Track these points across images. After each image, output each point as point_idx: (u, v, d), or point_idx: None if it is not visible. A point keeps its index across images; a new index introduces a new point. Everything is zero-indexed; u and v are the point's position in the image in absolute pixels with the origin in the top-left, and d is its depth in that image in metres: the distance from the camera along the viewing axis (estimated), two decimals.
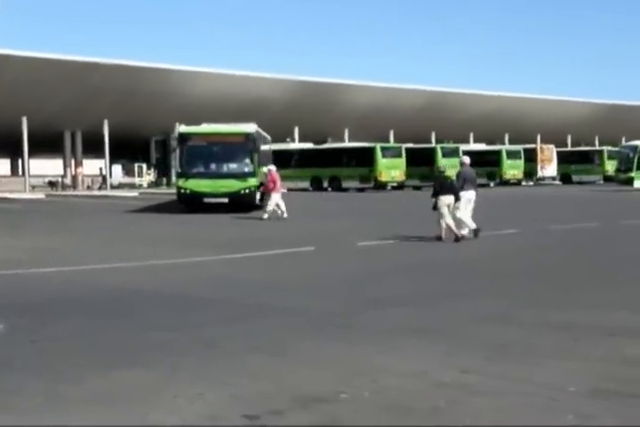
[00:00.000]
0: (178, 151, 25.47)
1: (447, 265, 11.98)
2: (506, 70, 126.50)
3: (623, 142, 51.75)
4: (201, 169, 25.47)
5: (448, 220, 15.08)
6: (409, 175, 45.09)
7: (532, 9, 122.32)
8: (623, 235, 17.01)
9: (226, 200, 24.67)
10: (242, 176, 25.08)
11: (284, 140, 48.05)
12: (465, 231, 15.65)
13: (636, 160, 39.67)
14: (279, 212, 21.85)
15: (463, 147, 50.69)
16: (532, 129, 63.16)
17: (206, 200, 24.81)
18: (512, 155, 52.29)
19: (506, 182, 51.63)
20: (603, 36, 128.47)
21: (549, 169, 54.60)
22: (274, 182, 22.11)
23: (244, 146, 25.32)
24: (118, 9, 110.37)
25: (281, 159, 36.57)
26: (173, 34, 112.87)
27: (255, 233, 18.19)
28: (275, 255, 13.38)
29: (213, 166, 25.70)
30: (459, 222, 15.46)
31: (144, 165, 57.80)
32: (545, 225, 18.55)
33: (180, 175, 25.57)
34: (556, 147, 56.05)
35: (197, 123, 27.90)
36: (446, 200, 15.20)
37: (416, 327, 7.27)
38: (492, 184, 51.41)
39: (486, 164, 51.28)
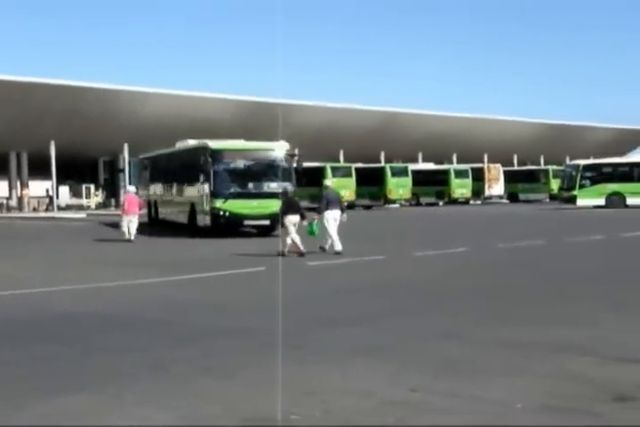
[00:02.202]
0: (209, 169, 22.56)
1: (397, 284, 12.03)
2: (455, 91, 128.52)
3: (567, 161, 52.75)
4: (239, 189, 22.87)
5: (287, 238, 16.41)
6: (359, 195, 45.36)
7: (479, 30, 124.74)
8: (568, 252, 17.29)
9: (267, 222, 22.25)
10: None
11: None
12: (339, 247, 16.81)
13: (578, 179, 40.66)
14: (127, 234, 21.90)
15: (412, 166, 51.22)
16: (479, 149, 64.01)
17: (247, 223, 22.78)
18: (460, 174, 52.94)
19: (454, 201, 52.22)
20: (548, 58, 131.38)
21: (496, 188, 55.37)
22: (127, 204, 22.35)
23: (281, 163, 23.43)
24: (63, 28, 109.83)
25: None
26: (121, 54, 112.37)
27: (205, 253, 18.06)
28: (225, 276, 13.30)
29: (252, 185, 23.16)
30: (326, 239, 17.08)
31: (92, 186, 57.13)
32: (493, 243, 18.78)
33: (214, 195, 22.43)
34: (503, 166, 56.91)
35: (146, 143, 27.60)
36: (292, 219, 16.62)
37: (366, 346, 7.28)
38: (440, 203, 51.95)
39: (435, 183, 51.91)
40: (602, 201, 40.37)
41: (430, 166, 56.01)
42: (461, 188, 52.57)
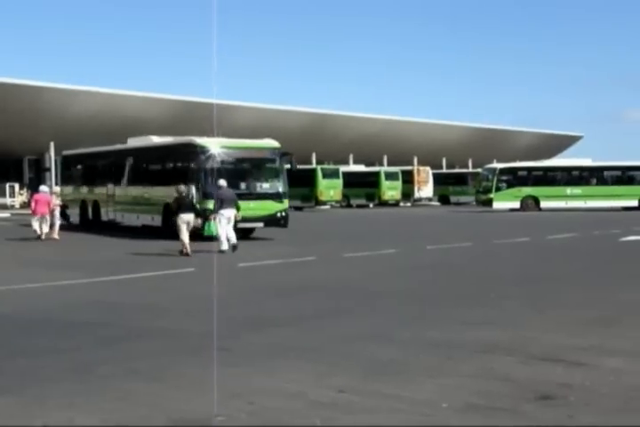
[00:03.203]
0: (199, 167, 21.13)
1: (326, 285, 12.06)
2: (386, 94, 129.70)
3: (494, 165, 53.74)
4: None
5: (184, 236, 16.69)
6: (290, 196, 45.33)
7: (411, 33, 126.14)
8: (494, 254, 17.61)
9: (261, 224, 21.39)
10: (277, 197, 21.92)
11: None
12: (224, 246, 17.21)
13: (495, 182, 41.59)
14: (38, 232, 21.58)
15: (343, 168, 51.45)
16: (409, 151, 64.74)
17: (240, 225, 20.40)
18: (390, 176, 53.43)
19: (384, 203, 52.66)
20: (477, 63, 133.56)
21: (426, 190, 56.07)
22: (34, 204, 21.81)
23: (275, 162, 22.27)
24: None
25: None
26: (48, 50, 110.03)
27: (133, 253, 17.81)
28: (154, 277, 13.14)
29: (245, 186, 21.65)
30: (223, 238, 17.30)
31: (16, 185, 55.82)
32: (421, 245, 19.00)
33: (206, 196, 20.52)
34: (432, 169, 57.67)
35: (73, 142, 26.86)
36: (185, 218, 16.90)
37: (294, 348, 7.28)
38: (371, 205, 52.33)
39: (366, 185, 52.25)
40: (517, 204, 41.44)
41: (361, 168, 56.39)
42: (391, 190, 53.05)
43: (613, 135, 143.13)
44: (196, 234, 17.60)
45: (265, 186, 21.93)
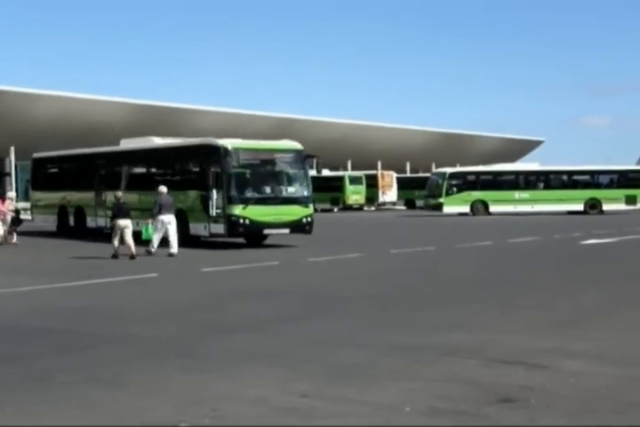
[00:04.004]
0: (225, 171, 19.63)
1: (290, 290, 12.03)
2: (349, 98, 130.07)
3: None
4: (257, 193, 20.09)
5: (116, 240, 17.20)
6: None
7: (374, 37, 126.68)
8: (459, 257, 17.73)
9: (287, 231, 20.21)
10: (303, 202, 20.63)
11: None
12: (153, 249, 17.90)
13: (444, 186, 41.93)
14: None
15: None
16: (373, 156, 64.97)
17: (267, 231, 20.18)
18: (354, 180, 53.57)
19: (349, 207, 52.77)
20: (440, 67, 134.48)
21: (390, 194, 56.28)
22: None
23: (300, 165, 20.96)
24: None
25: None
26: (9, 55, 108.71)
27: (99, 258, 17.63)
28: (116, 282, 13.00)
29: (270, 190, 20.39)
30: (154, 242, 17.89)
31: None
32: (386, 249, 19.05)
33: (231, 201, 19.56)
34: (396, 173, 57.91)
35: (34, 146, 26.18)
36: (122, 223, 17.35)
37: (257, 353, 7.25)
38: (335, 209, 52.40)
39: (330, 189, 52.28)
40: (467, 208, 41.83)
41: (325, 173, 56.42)
42: (356, 194, 53.18)
43: (573, 140, 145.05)
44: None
45: (290, 190, 20.70)
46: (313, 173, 22.14)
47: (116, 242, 17.23)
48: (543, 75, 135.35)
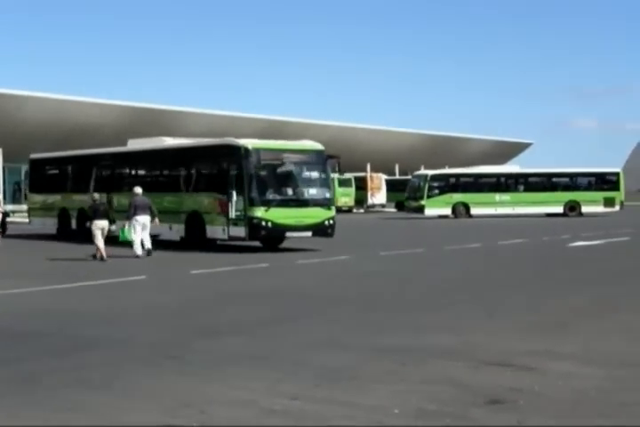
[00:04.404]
0: (246, 172, 19.05)
1: (279, 292, 12.02)
2: (339, 101, 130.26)
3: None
4: (279, 195, 19.55)
5: (99, 241, 17.33)
6: None
7: (365, 42, 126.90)
8: (448, 260, 17.76)
9: (309, 234, 19.65)
10: (325, 204, 20.16)
11: None
12: (139, 252, 17.98)
13: (426, 189, 41.99)
14: None
15: None
16: (362, 158, 64.93)
17: (289, 235, 19.85)
18: (343, 183, 53.57)
19: (338, 209, 52.69)
20: (431, 71, 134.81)
21: (379, 197, 56.34)
22: None
23: (321, 166, 20.49)
24: None
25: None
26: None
27: (87, 261, 17.57)
28: (104, 285, 12.97)
29: (292, 191, 19.88)
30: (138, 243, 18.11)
31: None
32: (374, 251, 19.06)
33: (252, 203, 19.00)
34: (386, 175, 57.93)
35: (23, 149, 25.91)
36: (100, 224, 17.57)
37: (246, 355, 7.24)
38: None
39: None
40: (448, 211, 41.90)
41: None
42: (345, 196, 53.21)
43: (562, 143, 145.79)
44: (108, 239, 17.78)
45: (312, 191, 20.12)
46: (335, 175, 22.13)
47: (99, 243, 17.28)
48: (532, 78, 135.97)
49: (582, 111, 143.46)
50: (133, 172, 24.45)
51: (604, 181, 44.76)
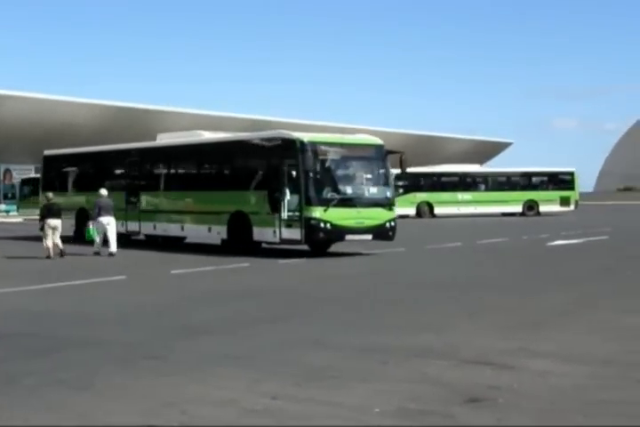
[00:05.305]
0: (303, 168, 17.45)
1: (260, 292, 12.02)
2: (323, 100, 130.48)
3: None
4: (337, 194, 17.81)
5: (49, 241, 17.80)
6: None
7: (348, 42, 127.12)
8: (430, 259, 17.82)
9: (369, 237, 18.19)
10: (386, 204, 18.53)
11: None
12: (97, 249, 18.90)
13: None
14: None
15: None
16: None
17: (348, 238, 18.06)
18: None
19: None
20: (413, 72, 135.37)
21: None
22: None
23: (381, 162, 18.85)
24: None
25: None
26: None
27: (68, 262, 17.48)
28: (84, 285, 12.90)
29: (351, 190, 18.18)
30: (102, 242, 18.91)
31: None
32: (357, 250, 19.07)
33: (309, 202, 17.43)
34: None
35: (2, 148, 25.49)
36: (52, 223, 17.96)
37: (228, 355, 7.23)
38: None
39: None
40: (413, 210, 41.84)
41: None
42: None
43: (542, 142, 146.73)
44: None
45: (372, 190, 18.48)
46: (396, 171, 20.81)
47: (48, 242, 17.75)
48: (513, 79, 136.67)
49: (562, 111, 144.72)
50: (166, 169, 22.46)
51: (559, 181, 45.12)
